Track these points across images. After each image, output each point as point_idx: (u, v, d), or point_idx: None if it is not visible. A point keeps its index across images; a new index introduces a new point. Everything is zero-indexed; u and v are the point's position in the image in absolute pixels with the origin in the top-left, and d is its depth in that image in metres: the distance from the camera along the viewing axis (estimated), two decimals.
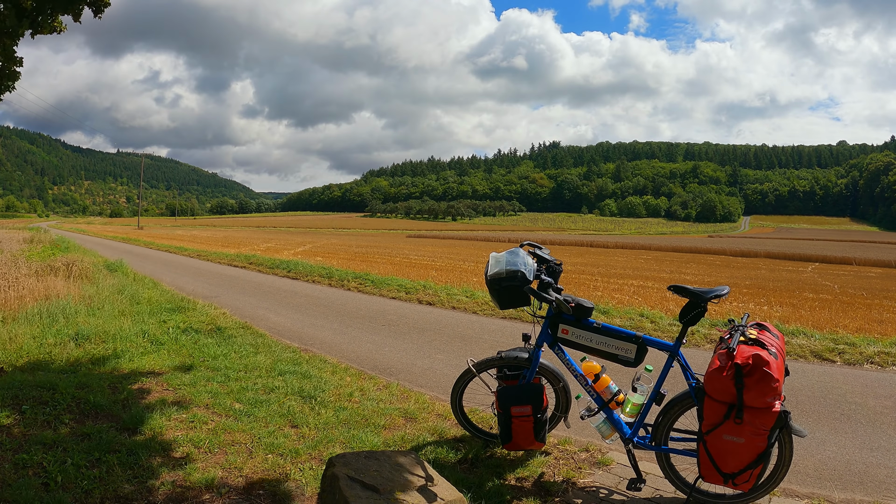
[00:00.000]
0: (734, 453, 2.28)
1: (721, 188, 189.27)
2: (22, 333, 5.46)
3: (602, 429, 2.83)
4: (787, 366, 2.44)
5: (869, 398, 4.16)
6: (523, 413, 2.83)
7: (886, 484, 2.86)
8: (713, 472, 2.37)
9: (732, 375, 2.24)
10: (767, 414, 2.23)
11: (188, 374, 4.33)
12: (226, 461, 2.86)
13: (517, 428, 2.86)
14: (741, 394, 2.23)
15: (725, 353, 2.30)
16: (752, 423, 2.23)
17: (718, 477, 2.37)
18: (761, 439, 2.24)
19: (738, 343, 2.31)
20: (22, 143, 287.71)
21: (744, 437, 2.25)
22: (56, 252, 17.25)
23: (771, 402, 2.22)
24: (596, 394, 2.85)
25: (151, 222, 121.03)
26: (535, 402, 2.84)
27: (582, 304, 2.84)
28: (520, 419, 2.84)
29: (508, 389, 2.90)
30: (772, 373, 2.20)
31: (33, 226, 54.20)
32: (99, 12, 4.17)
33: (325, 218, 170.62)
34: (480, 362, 3.12)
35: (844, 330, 6.74)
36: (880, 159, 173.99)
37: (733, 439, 2.27)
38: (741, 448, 2.27)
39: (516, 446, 2.93)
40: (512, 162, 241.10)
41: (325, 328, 6.75)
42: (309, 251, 24.01)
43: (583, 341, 2.81)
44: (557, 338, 2.88)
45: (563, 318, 2.85)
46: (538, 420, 2.84)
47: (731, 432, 2.27)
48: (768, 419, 2.23)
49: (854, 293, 14.07)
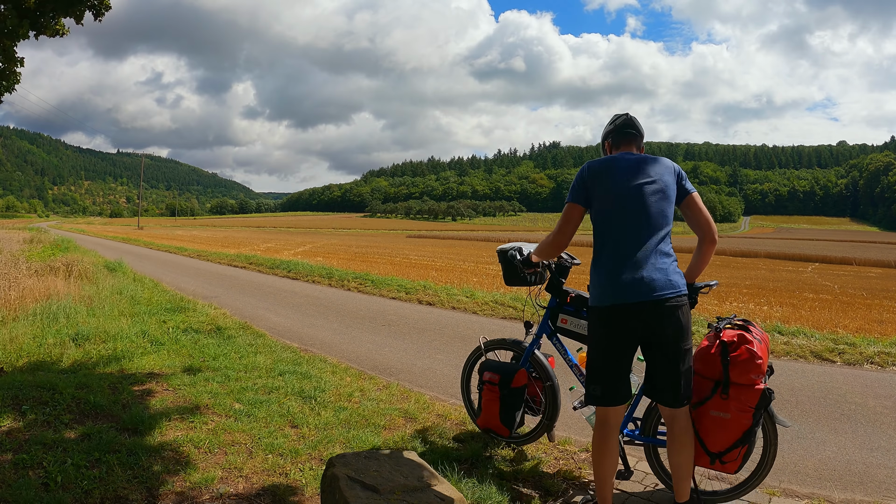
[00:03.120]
0: (721, 430, 2.35)
1: (721, 188, 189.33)
2: (22, 333, 5.46)
3: (592, 420, 2.84)
4: (771, 364, 2.50)
5: (869, 398, 4.16)
6: (492, 380, 3.01)
7: (886, 484, 2.86)
8: (701, 452, 2.41)
9: (719, 352, 2.34)
10: (752, 391, 2.31)
11: (188, 375, 4.33)
12: (226, 461, 2.86)
13: (485, 397, 3.03)
14: (727, 370, 2.32)
15: (713, 334, 2.43)
16: (737, 398, 2.32)
17: (706, 457, 2.40)
18: (747, 416, 2.31)
19: (724, 327, 2.45)
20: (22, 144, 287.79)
21: (730, 412, 2.32)
22: (56, 252, 17.25)
23: (755, 378, 2.31)
24: None
25: (151, 222, 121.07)
26: (505, 375, 2.99)
27: (581, 295, 2.93)
28: (488, 386, 3.01)
29: (490, 361, 3.14)
30: (756, 351, 2.30)
31: (33, 226, 54.24)
32: (99, 15, 4.18)
33: (325, 218, 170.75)
34: (490, 341, 3.26)
35: (844, 330, 6.74)
36: (880, 159, 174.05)
37: (720, 415, 2.34)
38: (728, 424, 2.33)
39: (484, 422, 3.08)
40: (512, 162, 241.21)
41: (325, 328, 6.75)
42: (309, 251, 24.02)
43: (580, 330, 2.89)
44: (556, 327, 2.97)
45: (563, 309, 2.95)
46: (504, 397, 2.98)
47: (718, 408, 2.35)
48: (753, 396, 2.30)
49: (854, 293, 14.07)
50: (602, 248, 2.34)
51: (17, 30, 3.92)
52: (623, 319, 2.24)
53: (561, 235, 2.46)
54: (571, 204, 2.39)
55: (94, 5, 4.08)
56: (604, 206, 2.32)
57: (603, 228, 2.33)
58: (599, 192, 2.33)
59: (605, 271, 2.29)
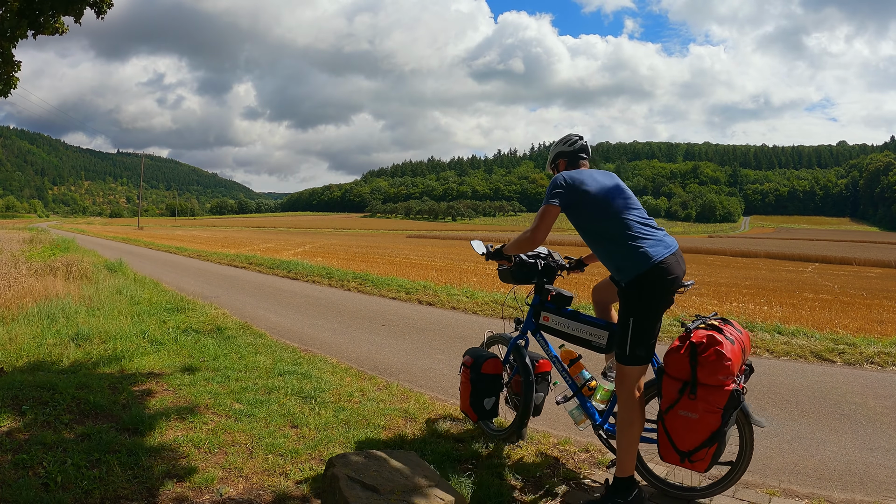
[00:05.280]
0: (689, 430, 2.37)
1: (721, 188, 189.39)
2: (22, 333, 5.46)
3: (575, 414, 2.95)
4: (751, 363, 2.56)
5: (869, 398, 4.16)
6: (466, 362, 3.21)
7: (886, 484, 2.86)
8: (671, 450, 2.45)
9: (688, 353, 2.38)
10: (720, 392, 2.32)
11: (188, 375, 4.33)
12: (226, 461, 2.86)
13: (461, 378, 3.25)
14: (695, 370, 2.35)
15: (684, 335, 2.46)
16: (705, 399, 2.34)
17: (675, 455, 2.44)
18: (715, 417, 2.33)
19: (696, 327, 2.47)
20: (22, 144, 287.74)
21: (697, 412, 2.35)
22: (56, 252, 17.25)
23: (723, 380, 2.32)
24: (570, 379, 3.00)
25: (151, 222, 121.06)
26: (478, 360, 3.16)
27: (562, 293, 3.04)
28: (464, 368, 3.23)
29: (473, 348, 3.34)
30: (724, 352, 2.31)
31: (33, 226, 54.23)
32: (101, 13, 4.17)
33: (325, 218, 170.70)
34: (493, 336, 3.49)
35: (844, 330, 6.74)
36: (880, 159, 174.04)
37: (688, 415, 2.37)
38: (696, 424, 2.36)
39: (461, 405, 3.29)
40: (512, 162, 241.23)
41: (325, 328, 6.75)
42: (309, 251, 24.01)
43: (561, 328, 2.96)
44: (539, 325, 3.08)
45: (545, 307, 3.06)
46: (474, 382, 3.13)
47: (686, 408, 2.38)
48: (721, 397, 2.32)
49: (854, 293, 14.07)
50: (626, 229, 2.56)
51: (15, 32, 3.91)
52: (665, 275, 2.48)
53: (538, 232, 2.62)
54: (551, 206, 2.61)
55: (96, 2, 4.07)
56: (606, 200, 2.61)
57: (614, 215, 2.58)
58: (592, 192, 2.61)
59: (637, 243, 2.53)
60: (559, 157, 2.94)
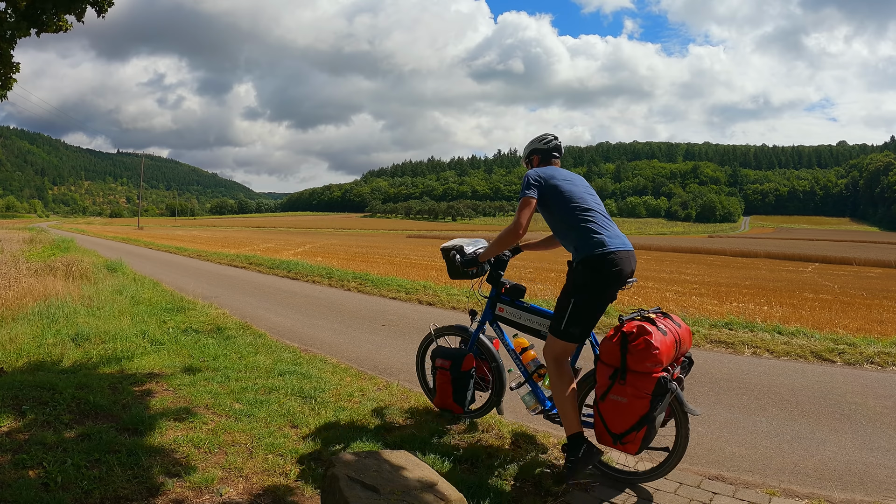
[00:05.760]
0: (621, 413, 2.55)
1: (721, 188, 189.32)
2: (22, 333, 5.46)
3: (527, 400, 3.15)
4: (690, 356, 2.78)
5: (869, 398, 4.16)
6: (444, 365, 3.39)
7: (886, 484, 2.86)
8: (604, 433, 2.62)
9: (619, 342, 2.55)
10: (648, 378, 2.49)
11: (188, 375, 4.33)
12: (226, 461, 2.86)
13: (439, 380, 3.43)
14: (625, 357, 2.52)
15: (618, 325, 2.62)
16: (634, 384, 2.51)
17: (608, 438, 2.61)
18: (643, 402, 2.49)
19: (630, 319, 2.63)
20: (22, 144, 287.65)
21: (627, 397, 2.52)
22: (56, 252, 17.26)
23: (651, 367, 2.47)
24: (522, 366, 3.21)
25: (151, 222, 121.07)
26: (455, 361, 3.36)
27: (517, 286, 3.27)
28: (441, 371, 3.40)
29: (441, 348, 3.50)
30: (653, 342, 2.46)
31: (33, 226, 54.25)
32: (102, 12, 4.17)
33: (325, 218, 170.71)
34: (439, 328, 3.66)
35: (844, 330, 6.73)
36: (880, 159, 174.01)
37: (619, 399, 2.55)
38: (626, 408, 2.53)
39: (440, 403, 3.49)
40: (512, 162, 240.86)
41: (325, 328, 6.75)
42: (309, 251, 24.01)
43: (514, 318, 3.21)
44: (496, 315, 3.32)
45: (500, 299, 3.30)
46: (455, 380, 3.35)
47: (618, 393, 2.56)
48: (649, 383, 2.48)
49: (854, 293, 14.07)
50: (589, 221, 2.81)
51: (14, 33, 3.91)
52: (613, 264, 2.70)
53: (521, 221, 2.83)
54: (529, 197, 2.86)
55: (97, 1, 4.06)
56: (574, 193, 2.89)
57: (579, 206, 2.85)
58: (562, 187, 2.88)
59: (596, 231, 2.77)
60: (534, 154, 3.19)
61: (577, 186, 2.95)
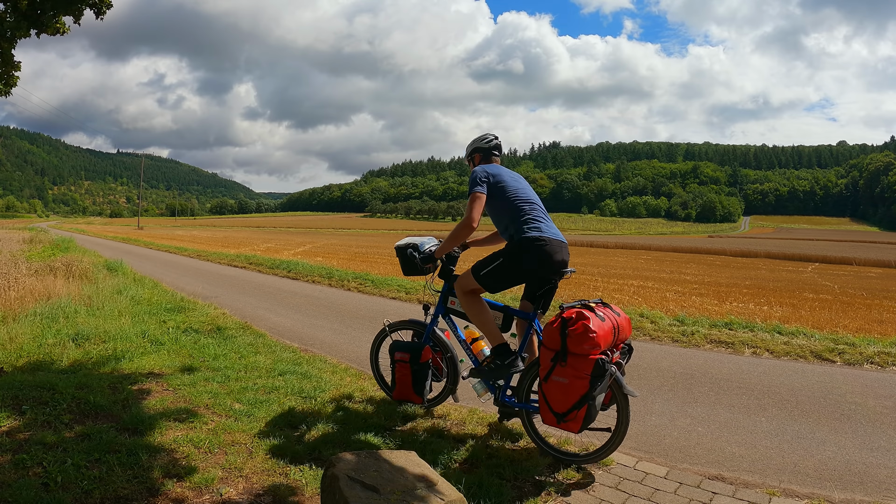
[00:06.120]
0: (562, 393, 2.71)
1: (721, 188, 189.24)
2: (22, 333, 5.46)
3: (477, 388, 3.32)
4: (630, 343, 3.01)
5: (869, 398, 4.16)
6: (403, 358, 3.53)
7: (886, 484, 2.86)
8: (548, 413, 2.78)
9: (559, 326, 2.73)
10: (586, 360, 2.66)
11: (188, 375, 4.33)
12: (226, 461, 2.86)
13: (398, 373, 3.57)
14: (565, 341, 2.70)
15: (559, 312, 2.79)
16: (573, 366, 2.68)
17: (552, 417, 2.77)
18: (583, 382, 2.66)
19: (570, 307, 2.80)
20: (22, 144, 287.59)
21: (568, 378, 2.69)
22: (56, 252, 17.26)
23: (589, 350, 2.64)
24: (473, 356, 3.38)
25: (151, 222, 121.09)
26: (414, 353, 3.51)
27: None
28: (400, 364, 3.55)
29: (398, 342, 3.63)
30: (590, 326, 2.64)
31: (33, 226, 54.24)
32: (100, 14, 4.17)
33: (325, 218, 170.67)
34: (393, 323, 3.77)
35: (844, 330, 6.73)
36: (880, 159, 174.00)
37: (560, 380, 2.72)
38: (567, 388, 2.70)
39: (399, 395, 3.62)
40: (512, 162, 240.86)
41: (325, 328, 6.75)
42: (309, 251, 24.00)
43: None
44: (448, 308, 3.49)
45: (451, 293, 3.44)
46: (415, 372, 3.50)
47: (559, 374, 2.73)
48: (587, 365, 2.65)
49: (854, 293, 14.07)
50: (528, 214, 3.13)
51: (14, 32, 3.91)
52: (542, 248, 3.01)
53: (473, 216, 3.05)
54: (479, 193, 3.08)
55: (96, 3, 4.07)
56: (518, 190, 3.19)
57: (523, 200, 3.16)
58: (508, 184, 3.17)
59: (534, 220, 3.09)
60: (475, 152, 3.45)
61: (521, 183, 3.25)
